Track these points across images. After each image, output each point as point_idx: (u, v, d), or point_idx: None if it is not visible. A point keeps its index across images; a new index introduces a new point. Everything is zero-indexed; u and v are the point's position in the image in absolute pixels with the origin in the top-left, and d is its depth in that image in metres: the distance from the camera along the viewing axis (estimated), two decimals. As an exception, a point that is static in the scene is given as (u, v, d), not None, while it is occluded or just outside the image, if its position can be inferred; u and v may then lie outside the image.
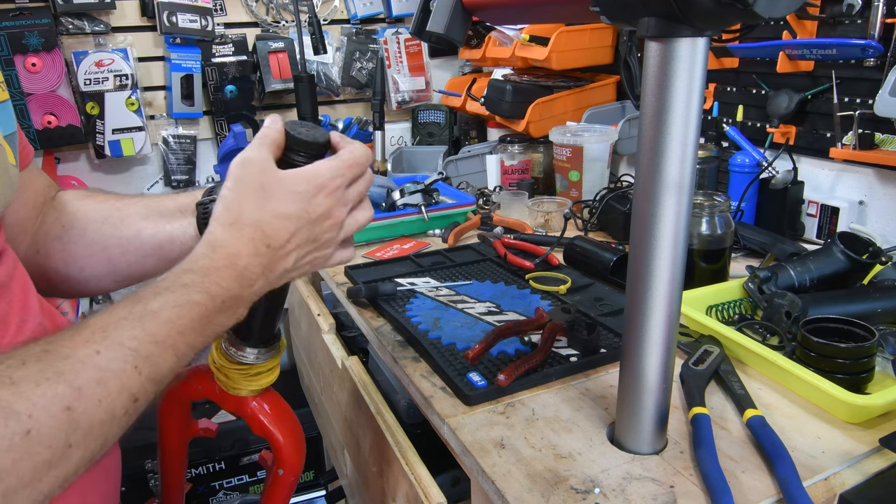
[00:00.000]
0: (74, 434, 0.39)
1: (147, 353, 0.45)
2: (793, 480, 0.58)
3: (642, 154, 0.57)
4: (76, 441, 0.39)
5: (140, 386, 0.44)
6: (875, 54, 1.10)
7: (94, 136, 1.76)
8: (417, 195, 1.42)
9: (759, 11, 0.46)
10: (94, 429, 0.40)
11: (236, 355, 0.71)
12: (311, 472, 1.91)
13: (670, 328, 0.61)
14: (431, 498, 0.77)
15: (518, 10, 0.85)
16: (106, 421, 0.41)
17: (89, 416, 0.40)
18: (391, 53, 2.07)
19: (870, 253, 0.96)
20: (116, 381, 0.42)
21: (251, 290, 0.55)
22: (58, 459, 0.38)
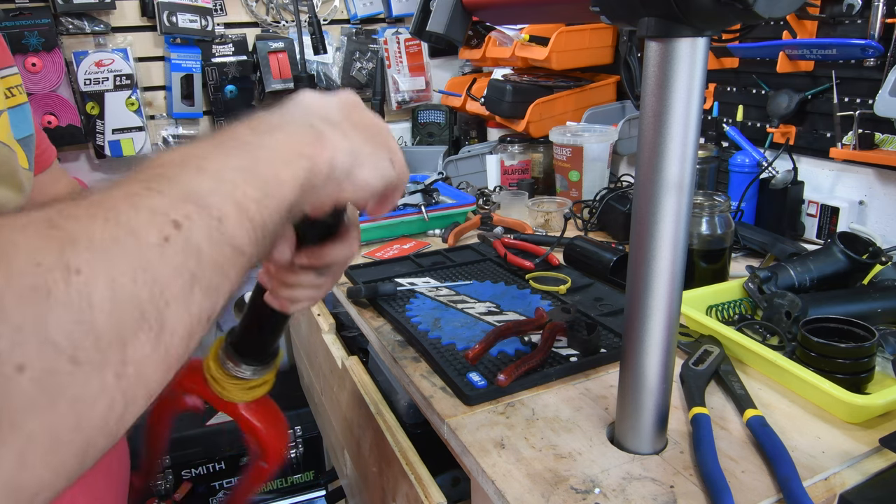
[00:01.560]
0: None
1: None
2: (793, 480, 0.58)
3: (642, 154, 0.57)
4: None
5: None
6: (875, 54, 1.10)
7: (94, 136, 1.76)
8: (417, 195, 1.42)
9: (759, 11, 0.46)
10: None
11: (233, 370, 0.72)
12: (311, 472, 1.91)
13: (670, 328, 0.61)
14: (431, 498, 0.77)
15: (518, 10, 0.85)
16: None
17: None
18: (391, 53, 2.07)
19: (870, 253, 0.96)
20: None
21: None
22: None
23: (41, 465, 0.25)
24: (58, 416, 0.25)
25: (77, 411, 0.25)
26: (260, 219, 0.34)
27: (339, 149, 0.41)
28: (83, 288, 0.26)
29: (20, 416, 0.24)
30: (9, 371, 0.23)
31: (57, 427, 0.25)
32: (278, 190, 0.35)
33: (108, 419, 0.27)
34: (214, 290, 0.31)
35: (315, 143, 0.39)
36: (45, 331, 0.24)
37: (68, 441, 0.25)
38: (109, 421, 0.27)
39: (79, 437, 0.26)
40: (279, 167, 0.36)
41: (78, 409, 0.25)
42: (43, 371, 0.24)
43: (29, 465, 0.24)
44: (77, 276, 0.26)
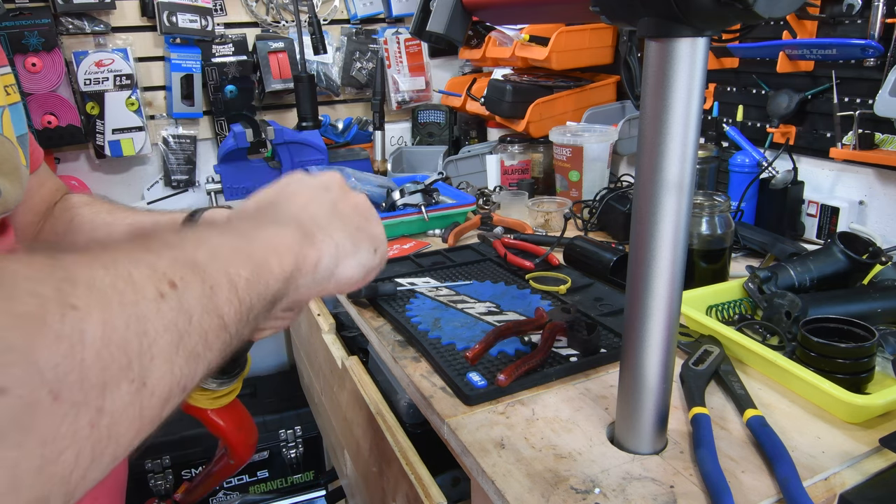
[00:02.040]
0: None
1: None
2: (793, 480, 0.58)
3: (642, 154, 0.57)
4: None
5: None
6: (875, 54, 1.10)
7: (94, 136, 1.76)
8: (417, 195, 1.42)
9: (759, 11, 0.46)
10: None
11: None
12: (311, 472, 1.91)
13: (670, 328, 0.61)
14: (431, 498, 0.77)
15: (518, 10, 0.85)
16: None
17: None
18: (391, 53, 2.07)
19: (870, 253, 0.96)
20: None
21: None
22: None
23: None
24: (23, 455, 0.23)
25: (44, 454, 0.24)
26: (247, 299, 0.35)
27: (326, 253, 0.44)
28: (77, 324, 0.26)
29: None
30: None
31: (20, 467, 0.23)
32: (267, 276, 0.37)
33: (71, 473, 0.25)
34: (196, 359, 0.32)
35: (304, 243, 0.42)
36: (34, 357, 0.24)
37: (27, 486, 0.24)
38: (72, 475, 0.26)
39: (38, 485, 0.24)
40: (270, 256, 0.38)
41: (46, 452, 0.24)
42: (22, 399, 0.23)
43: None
44: (73, 312, 0.26)
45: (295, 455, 1.86)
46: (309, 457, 1.89)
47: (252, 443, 0.84)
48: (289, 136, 1.77)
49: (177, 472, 1.73)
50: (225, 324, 0.34)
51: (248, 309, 0.36)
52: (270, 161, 1.83)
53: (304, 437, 1.85)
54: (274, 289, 0.38)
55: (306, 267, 0.42)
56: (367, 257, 0.49)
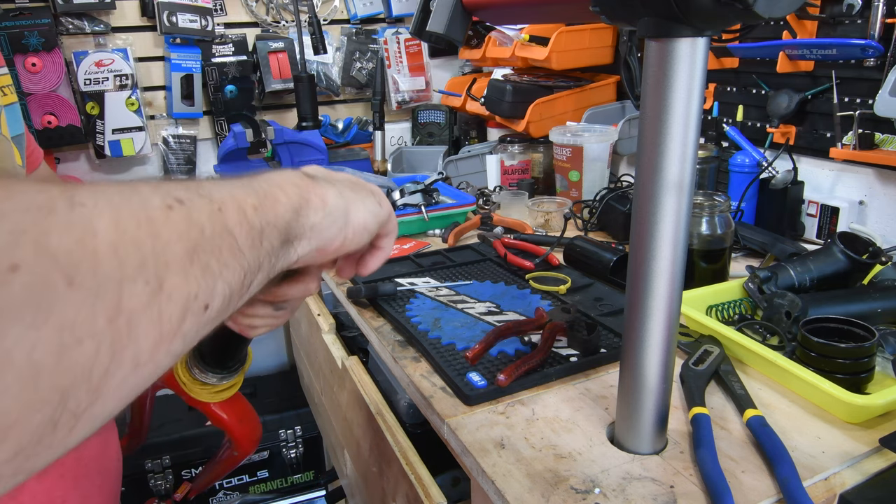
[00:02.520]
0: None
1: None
2: (793, 480, 0.58)
3: (642, 154, 0.57)
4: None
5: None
6: (875, 54, 1.10)
7: (94, 136, 1.76)
8: (417, 195, 1.42)
9: (759, 11, 0.46)
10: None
11: (199, 376, 0.76)
12: (311, 472, 1.91)
13: (670, 328, 0.61)
14: (431, 498, 0.77)
15: (518, 10, 0.85)
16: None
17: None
18: (391, 53, 2.07)
19: (870, 253, 0.96)
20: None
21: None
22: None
23: (15, 392, 0.22)
24: (41, 338, 0.23)
25: (62, 340, 0.24)
26: (257, 223, 0.35)
27: (329, 191, 0.44)
28: (87, 217, 0.26)
29: (2, 322, 0.22)
30: (1, 268, 0.22)
31: (38, 350, 0.23)
32: (274, 204, 0.37)
33: (91, 368, 0.25)
34: (211, 274, 0.31)
35: (306, 181, 0.43)
36: (46, 240, 0.24)
37: (47, 371, 0.23)
38: (94, 371, 0.25)
39: (58, 373, 0.24)
40: (274, 189, 0.39)
41: (63, 337, 0.24)
42: (36, 278, 0.23)
43: (2, 388, 0.22)
44: (81, 207, 0.26)
45: (295, 455, 1.86)
46: (309, 457, 1.89)
47: (256, 436, 0.85)
48: (289, 136, 1.77)
49: (177, 472, 1.73)
50: (238, 245, 0.33)
51: (261, 233, 0.35)
52: (270, 161, 1.83)
53: (304, 437, 1.85)
54: (284, 218, 0.38)
55: (313, 200, 0.41)
56: (374, 206, 0.49)
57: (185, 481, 1.73)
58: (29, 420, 0.23)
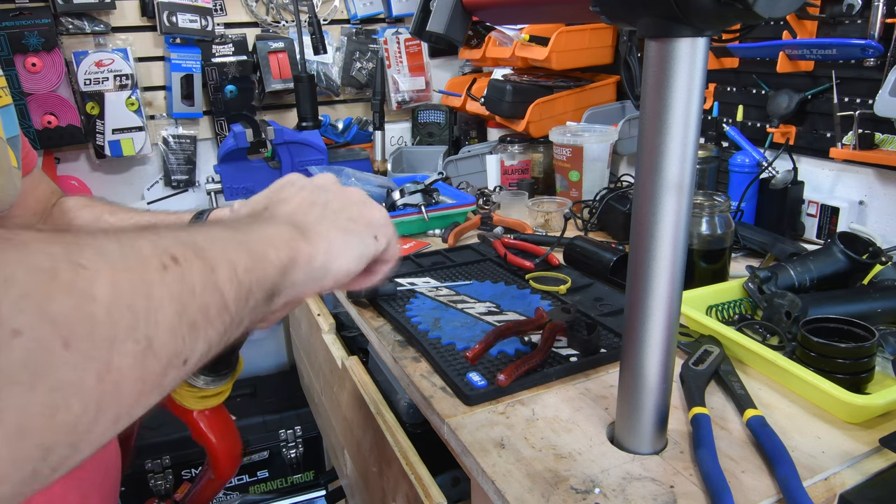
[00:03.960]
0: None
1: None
2: (793, 480, 0.58)
3: (642, 154, 0.57)
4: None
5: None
6: (875, 54, 1.10)
7: (94, 136, 1.76)
8: (417, 195, 1.42)
9: (759, 11, 0.46)
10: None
11: (187, 378, 0.73)
12: (311, 472, 1.91)
13: (670, 328, 0.61)
14: (431, 498, 0.77)
15: (518, 10, 0.85)
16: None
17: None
18: (391, 53, 2.07)
19: (870, 253, 0.96)
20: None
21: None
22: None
23: (3, 448, 0.24)
24: (34, 399, 0.24)
25: (53, 401, 0.25)
26: (246, 282, 0.37)
27: (319, 249, 0.45)
28: (87, 281, 0.27)
29: (1, 384, 0.23)
30: (4, 333, 0.23)
31: (30, 410, 0.24)
32: (263, 265, 0.39)
33: (76, 423, 0.26)
34: (197, 332, 0.33)
35: (297, 238, 0.44)
36: (48, 305, 0.25)
37: (36, 431, 0.24)
38: (78, 427, 0.26)
39: (45, 432, 0.25)
40: (267, 248, 0.40)
41: (55, 398, 0.25)
42: (35, 343, 0.24)
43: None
44: (83, 271, 0.27)
45: (295, 455, 1.86)
46: (309, 457, 1.89)
47: (236, 454, 0.82)
48: (289, 136, 1.77)
49: (177, 472, 1.73)
50: (226, 303, 0.35)
51: (248, 292, 0.37)
52: (270, 161, 1.83)
53: (304, 437, 1.85)
54: (272, 278, 0.39)
55: (301, 259, 0.43)
56: (366, 245, 0.49)
57: (185, 481, 1.73)
58: (11, 476, 0.24)
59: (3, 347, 0.23)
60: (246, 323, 0.38)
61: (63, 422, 0.26)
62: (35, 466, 0.25)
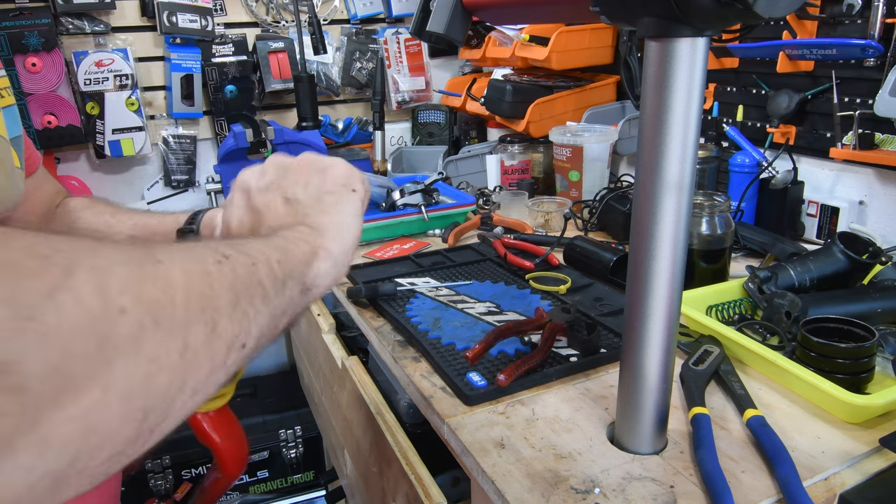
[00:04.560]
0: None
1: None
2: (793, 480, 0.58)
3: (642, 154, 0.57)
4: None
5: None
6: (875, 54, 1.10)
7: (94, 136, 1.76)
8: (417, 195, 1.42)
9: (759, 11, 0.46)
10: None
11: None
12: (311, 472, 1.91)
13: (670, 328, 0.61)
14: (431, 498, 0.77)
15: (518, 10, 0.85)
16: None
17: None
18: (391, 53, 2.07)
19: (870, 253, 0.96)
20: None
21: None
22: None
23: (116, 410, 0.28)
24: (137, 368, 0.29)
25: (149, 370, 0.29)
26: (280, 275, 0.42)
27: (331, 239, 0.50)
28: (165, 271, 0.32)
29: (114, 354, 0.27)
30: (115, 310, 0.28)
31: (134, 376, 0.28)
32: (293, 259, 0.45)
33: (166, 393, 0.31)
34: (248, 318, 0.38)
35: (312, 235, 0.49)
36: (142, 289, 0.30)
37: (138, 395, 0.29)
38: (168, 395, 0.31)
39: (144, 397, 0.29)
40: (290, 245, 0.46)
41: (150, 368, 0.29)
42: (136, 320, 0.29)
43: (108, 407, 0.27)
44: (160, 264, 0.32)
45: (295, 455, 1.86)
46: (309, 457, 1.89)
47: (242, 455, 0.82)
48: (289, 136, 1.77)
49: (177, 472, 1.73)
50: (267, 293, 0.40)
51: (283, 283, 0.42)
52: (270, 161, 1.83)
53: (304, 437, 1.85)
54: (298, 269, 0.45)
55: (321, 252, 0.48)
56: (353, 205, 0.54)
57: (185, 481, 1.74)
58: (122, 433, 0.29)
59: (115, 323, 0.28)
60: (289, 313, 0.43)
61: (157, 389, 0.30)
62: (138, 427, 0.29)
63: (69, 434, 0.26)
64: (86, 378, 0.26)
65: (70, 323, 0.26)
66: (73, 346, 0.26)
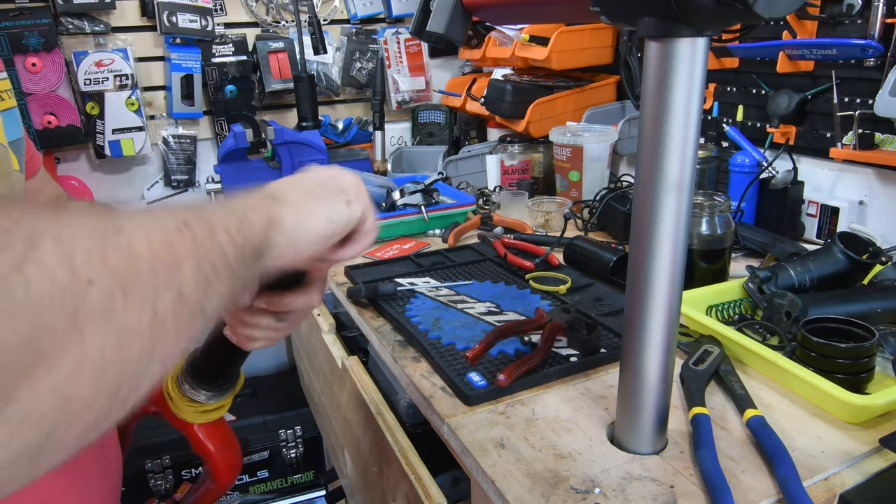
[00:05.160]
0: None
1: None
2: (793, 480, 0.58)
3: (642, 154, 0.57)
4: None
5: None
6: (875, 54, 1.10)
7: (94, 136, 1.76)
8: (417, 195, 1.42)
9: (759, 11, 0.46)
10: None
11: (189, 392, 0.74)
12: (311, 472, 1.91)
13: (670, 328, 0.61)
14: (431, 498, 0.77)
15: (518, 10, 0.85)
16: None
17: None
18: (391, 53, 2.07)
19: (870, 253, 0.96)
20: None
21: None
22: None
23: (89, 381, 0.28)
24: (109, 339, 0.29)
25: (121, 341, 0.29)
26: (239, 240, 0.41)
27: (289, 211, 0.49)
28: (129, 239, 0.32)
29: (85, 325, 0.27)
30: (83, 282, 0.28)
31: (107, 347, 0.29)
32: (249, 225, 0.44)
33: (138, 361, 0.31)
34: (209, 285, 0.37)
35: (272, 204, 0.48)
36: (107, 258, 0.30)
37: (112, 365, 0.29)
38: (139, 364, 0.31)
39: (117, 367, 0.29)
40: (248, 211, 0.45)
41: (122, 339, 0.29)
42: (105, 291, 0.29)
43: (82, 378, 0.27)
44: (123, 233, 0.32)
45: (295, 455, 1.86)
46: (309, 457, 1.89)
47: (236, 464, 0.82)
48: (289, 136, 1.77)
49: (177, 472, 1.73)
50: (227, 260, 0.40)
51: (241, 250, 0.42)
52: (270, 161, 1.83)
53: (304, 437, 1.85)
54: (257, 238, 0.44)
55: (275, 220, 0.47)
56: (336, 209, 0.52)
57: (185, 481, 1.74)
58: (96, 404, 0.29)
59: (84, 294, 0.28)
60: (245, 280, 0.42)
61: (128, 359, 0.30)
62: (111, 398, 0.30)
63: (45, 407, 0.26)
64: (58, 350, 0.26)
65: (39, 296, 0.26)
66: (43, 319, 0.26)
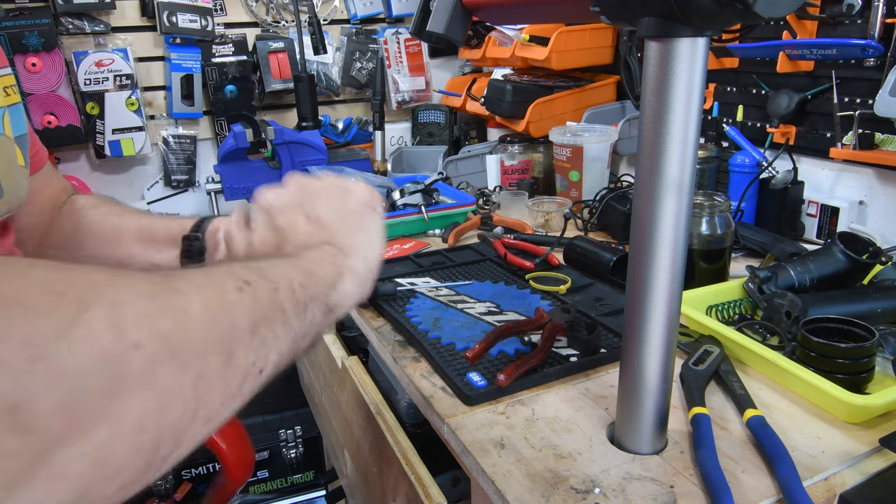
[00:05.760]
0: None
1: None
2: (793, 480, 0.58)
3: (642, 154, 0.57)
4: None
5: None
6: (875, 54, 1.10)
7: (94, 136, 1.76)
8: (417, 195, 1.42)
9: (759, 11, 0.46)
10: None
11: None
12: (311, 472, 1.91)
13: (670, 328, 0.61)
14: (431, 498, 0.77)
15: (518, 10, 0.85)
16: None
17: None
18: (391, 53, 2.07)
19: (870, 253, 0.96)
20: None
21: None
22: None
23: (126, 444, 0.28)
24: (149, 401, 0.29)
25: (162, 402, 0.30)
26: (303, 299, 0.42)
27: (357, 258, 0.51)
28: (183, 302, 0.32)
29: (126, 389, 0.28)
30: (129, 345, 0.28)
31: (146, 410, 0.29)
32: (316, 281, 0.45)
33: (178, 423, 0.31)
34: (266, 345, 0.37)
35: (338, 255, 0.50)
36: (157, 322, 0.30)
37: (150, 427, 0.29)
38: (180, 425, 0.31)
39: (157, 428, 0.29)
40: (316, 267, 0.46)
41: (163, 401, 0.30)
42: (151, 355, 0.29)
43: (119, 439, 0.28)
44: (179, 294, 0.32)
45: (295, 455, 1.86)
46: (309, 457, 1.89)
47: (248, 461, 0.83)
48: (289, 136, 1.77)
49: (177, 472, 1.73)
50: (287, 318, 0.40)
51: (305, 307, 0.42)
52: (270, 161, 1.83)
53: (304, 437, 1.85)
54: (324, 293, 0.45)
55: (346, 273, 0.49)
56: (376, 224, 0.55)
57: (185, 481, 1.74)
58: (133, 464, 0.29)
59: (128, 358, 0.28)
60: (311, 335, 0.43)
61: (169, 420, 0.30)
62: (149, 457, 0.30)
63: (79, 470, 0.26)
64: (96, 415, 0.26)
65: (81, 362, 0.26)
66: (83, 385, 0.26)
